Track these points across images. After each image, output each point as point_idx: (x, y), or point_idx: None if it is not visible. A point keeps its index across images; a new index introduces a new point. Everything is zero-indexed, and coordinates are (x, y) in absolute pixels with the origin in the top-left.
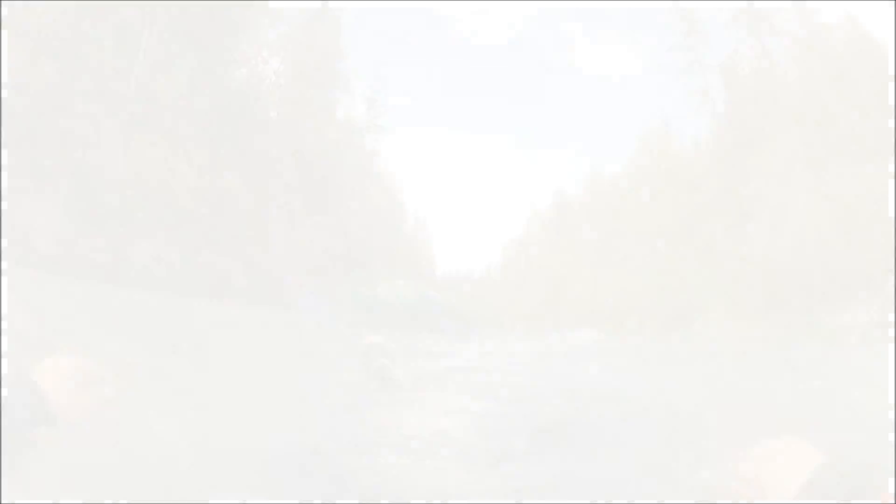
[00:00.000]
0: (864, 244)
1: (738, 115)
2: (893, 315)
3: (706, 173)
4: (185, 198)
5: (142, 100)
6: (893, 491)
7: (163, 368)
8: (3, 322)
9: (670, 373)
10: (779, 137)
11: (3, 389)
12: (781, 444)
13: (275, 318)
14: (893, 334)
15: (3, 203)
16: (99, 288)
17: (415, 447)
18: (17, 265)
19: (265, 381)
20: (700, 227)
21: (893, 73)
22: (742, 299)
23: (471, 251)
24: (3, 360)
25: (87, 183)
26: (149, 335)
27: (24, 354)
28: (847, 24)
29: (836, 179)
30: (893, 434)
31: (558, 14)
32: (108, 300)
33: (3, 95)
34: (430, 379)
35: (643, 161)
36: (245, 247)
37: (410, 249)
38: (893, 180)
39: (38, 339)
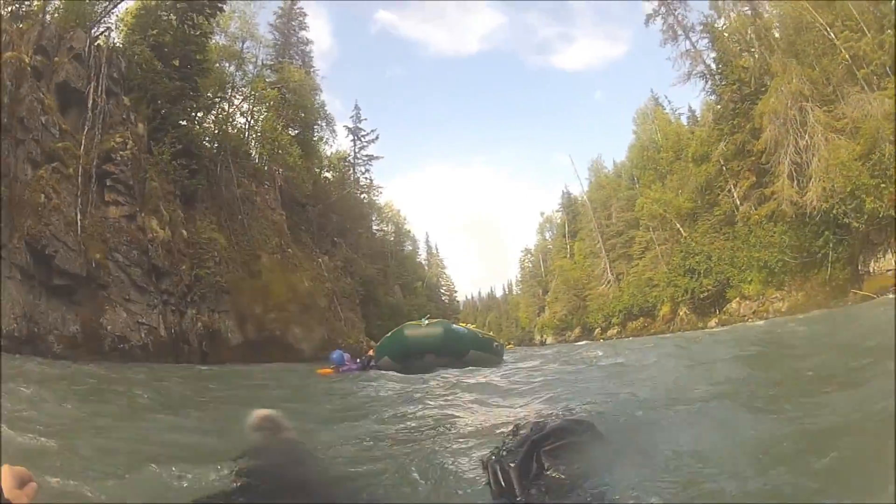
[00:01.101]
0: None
1: (734, 68)
2: None
3: (712, 139)
4: (160, 255)
5: (96, 158)
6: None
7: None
8: None
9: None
10: (781, 80)
11: None
12: None
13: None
14: None
15: None
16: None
17: None
18: None
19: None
20: (718, 198)
21: None
22: (777, 265)
23: (488, 269)
24: None
25: (46, 253)
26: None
27: None
28: None
29: (851, 109)
30: None
31: (526, 25)
32: (84, 379)
33: None
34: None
35: (644, 143)
36: (237, 300)
37: (428, 279)
38: None
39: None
